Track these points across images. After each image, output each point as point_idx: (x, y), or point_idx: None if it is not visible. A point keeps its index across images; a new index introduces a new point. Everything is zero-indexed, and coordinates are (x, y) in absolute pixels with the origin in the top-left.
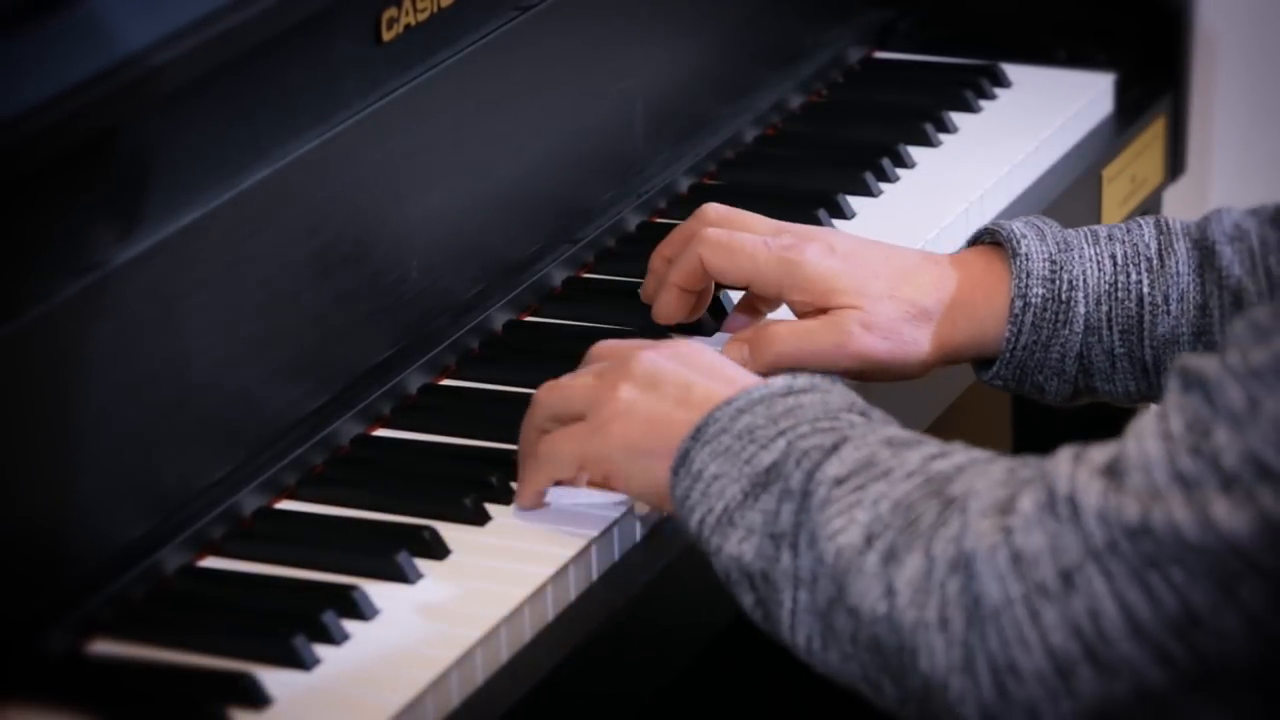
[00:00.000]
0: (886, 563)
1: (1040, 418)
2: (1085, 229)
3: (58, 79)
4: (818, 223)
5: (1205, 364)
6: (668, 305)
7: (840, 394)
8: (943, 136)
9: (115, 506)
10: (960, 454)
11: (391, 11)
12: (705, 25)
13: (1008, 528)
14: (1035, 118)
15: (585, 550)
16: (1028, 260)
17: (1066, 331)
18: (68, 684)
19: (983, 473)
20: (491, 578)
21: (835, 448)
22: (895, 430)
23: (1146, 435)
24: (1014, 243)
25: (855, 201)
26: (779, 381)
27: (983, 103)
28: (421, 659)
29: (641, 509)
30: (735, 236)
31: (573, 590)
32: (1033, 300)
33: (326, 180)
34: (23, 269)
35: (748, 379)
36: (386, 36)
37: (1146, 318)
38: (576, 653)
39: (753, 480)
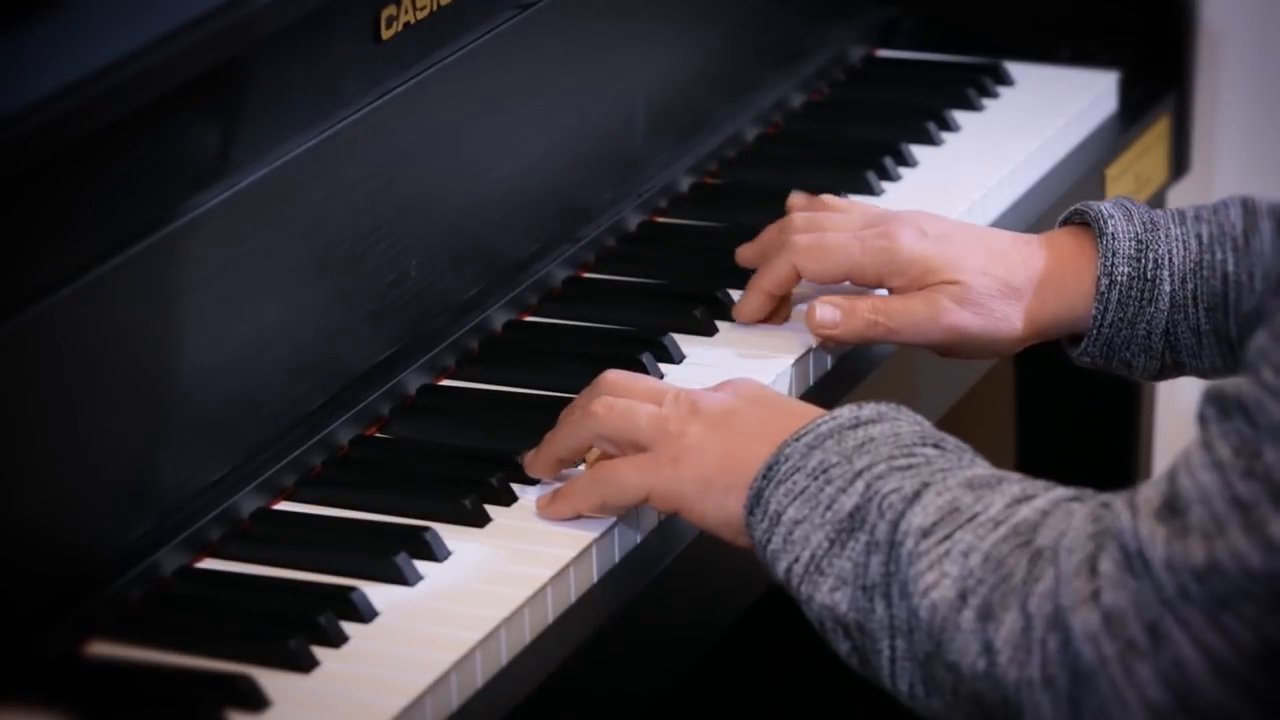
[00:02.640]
0: (983, 619)
1: (1042, 420)
2: (1174, 209)
3: (56, 77)
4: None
5: (1240, 386)
6: (754, 309)
7: (908, 421)
8: (945, 135)
9: (113, 508)
10: (1042, 496)
11: (391, 9)
12: (706, 24)
13: (1096, 589)
14: (1038, 116)
15: (586, 552)
16: (1114, 239)
17: (1152, 309)
18: (65, 686)
19: (1066, 519)
20: (491, 579)
21: (917, 495)
22: (973, 469)
23: (1197, 468)
24: (1101, 222)
25: (857, 201)
26: (845, 413)
27: (986, 101)
28: (421, 661)
29: (643, 513)
30: (825, 238)
31: (573, 592)
32: (1118, 278)
33: (325, 179)
34: (21, 268)
35: (812, 411)
36: (386, 35)
37: (1231, 295)
38: (577, 654)
39: (836, 527)
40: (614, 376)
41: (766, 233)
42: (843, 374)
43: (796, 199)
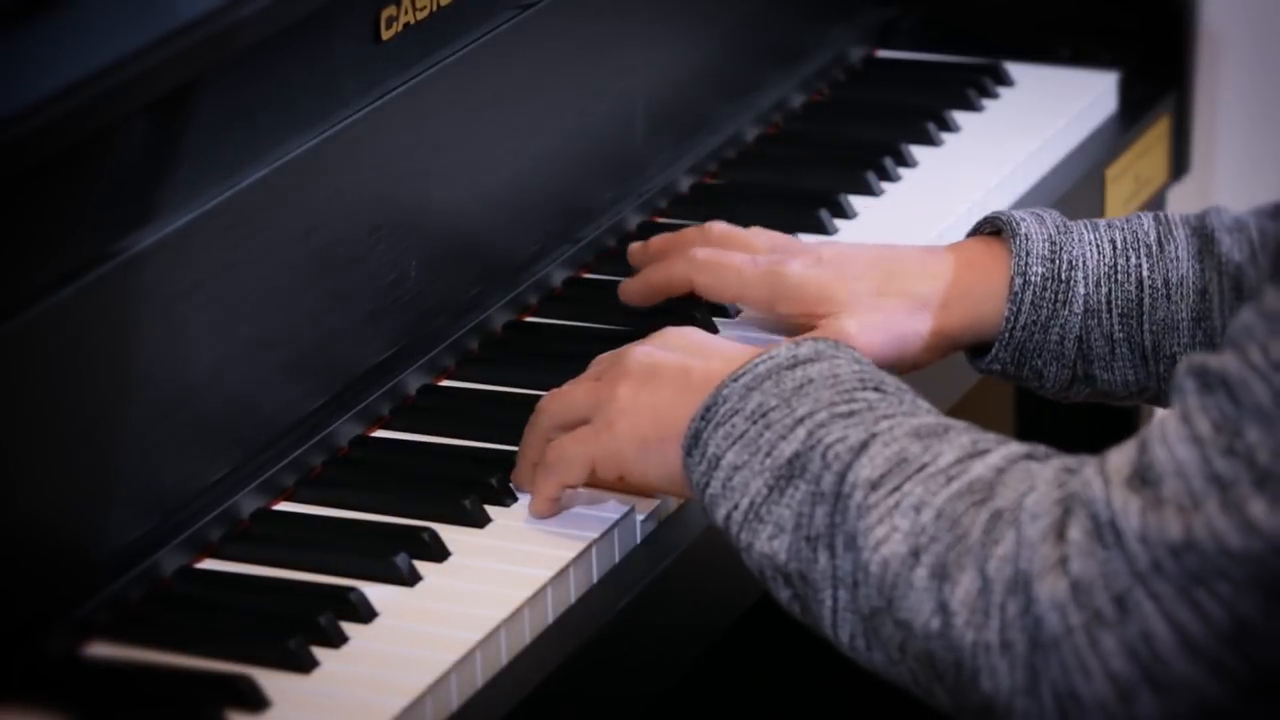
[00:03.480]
0: (937, 578)
1: (1042, 420)
2: (1085, 220)
3: (56, 77)
4: (819, 222)
5: (1224, 362)
6: (637, 294)
7: (847, 360)
8: (945, 135)
9: (113, 508)
10: (995, 451)
11: (391, 10)
12: (706, 24)
13: (1064, 556)
14: (1038, 116)
15: (585, 552)
16: (1027, 240)
17: (1066, 312)
18: (65, 686)
19: (1027, 479)
20: (491, 580)
21: (864, 446)
22: (917, 415)
23: (1174, 440)
24: (1013, 224)
25: (857, 201)
26: (782, 352)
27: (985, 101)
28: (421, 662)
29: (642, 511)
30: (723, 256)
31: (573, 593)
32: (1033, 279)
33: (325, 179)
34: (20, 268)
35: (746, 352)
36: (386, 35)
37: (1146, 301)
38: (576, 655)
39: (775, 474)
40: (556, 390)
41: (678, 235)
42: None
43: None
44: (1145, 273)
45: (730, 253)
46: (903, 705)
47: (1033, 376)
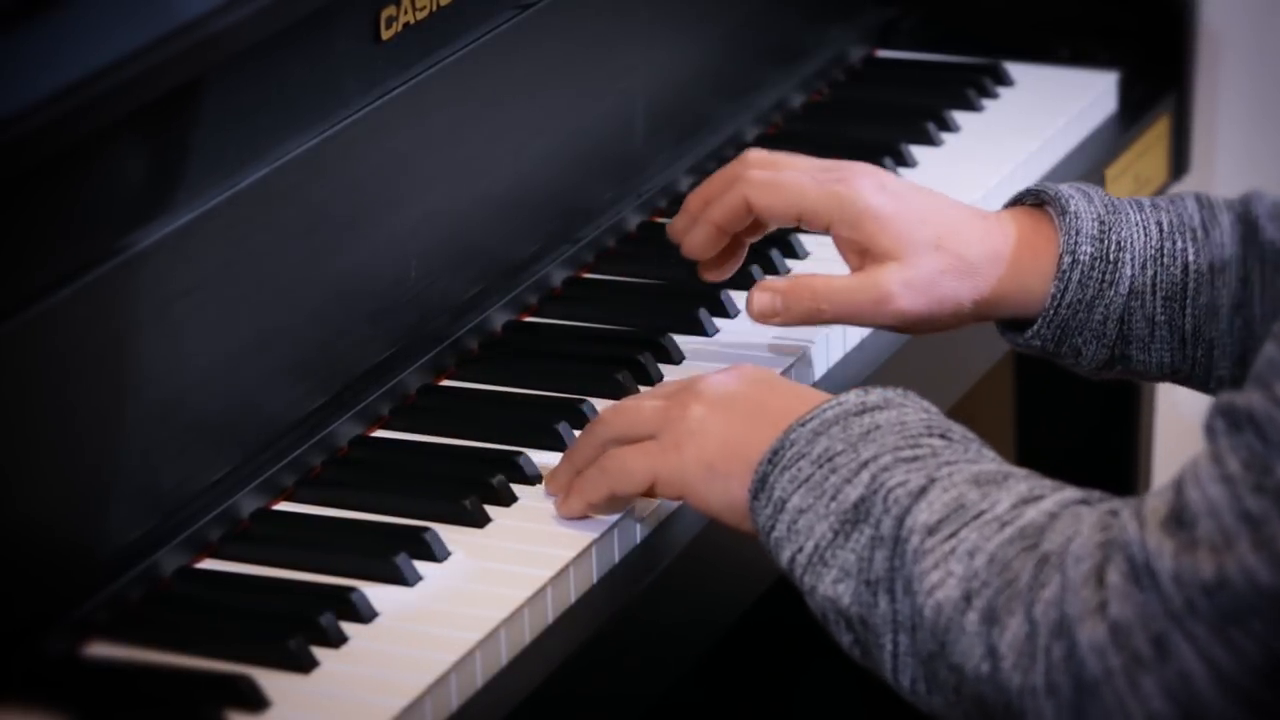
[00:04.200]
0: (987, 623)
1: (1042, 421)
2: (1130, 198)
3: (56, 77)
4: None
5: (1251, 400)
6: (702, 240)
7: (915, 409)
8: (945, 135)
9: (112, 508)
10: (1050, 497)
11: (391, 10)
12: (706, 24)
13: (1103, 600)
14: (1038, 116)
15: (585, 552)
16: (1077, 218)
17: (1111, 292)
18: (65, 686)
19: (1075, 524)
20: (491, 580)
21: (923, 491)
22: (979, 463)
23: (1206, 481)
24: (1062, 201)
25: None
26: (851, 399)
27: (985, 101)
28: (421, 662)
29: (642, 512)
30: (781, 174)
31: (573, 592)
32: (1081, 257)
33: (325, 179)
34: (20, 268)
35: (817, 394)
36: (386, 35)
37: (1191, 285)
38: (576, 655)
39: (841, 518)
40: (620, 402)
41: (717, 175)
42: (842, 377)
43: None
44: (1191, 257)
45: (787, 172)
46: (902, 706)
47: (1070, 354)
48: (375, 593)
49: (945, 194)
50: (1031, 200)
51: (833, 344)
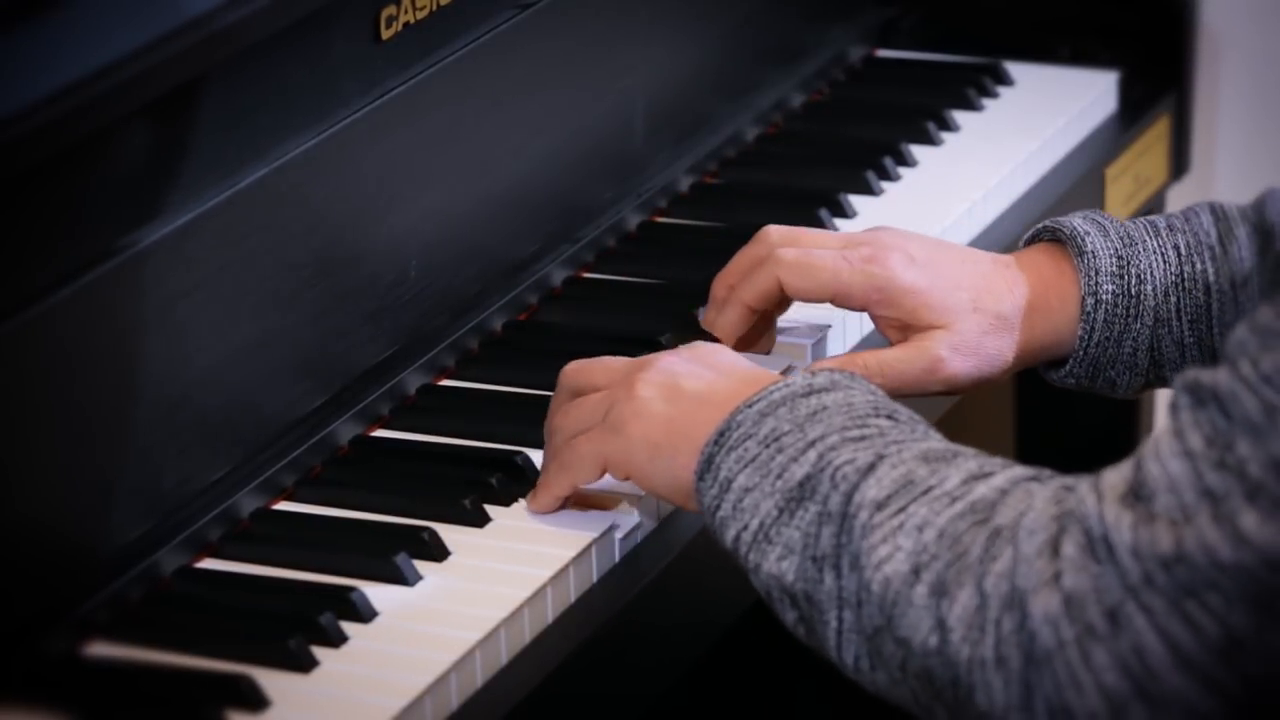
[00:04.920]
0: (936, 595)
1: (1042, 422)
2: (1144, 220)
3: (55, 77)
4: (820, 222)
5: (1216, 377)
6: (734, 320)
7: (862, 391)
8: (945, 135)
9: (112, 508)
10: (1000, 474)
11: (391, 9)
12: (706, 23)
13: (1057, 571)
14: (1038, 116)
15: (585, 552)
16: (1095, 258)
17: (1137, 325)
18: (65, 686)
19: (1027, 499)
20: (491, 579)
21: (872, 468)
22: (927, 441)
23: (1167, 455)
24: (1078, 240)
25: (857, 200)
26: (798, 380)
27: (985, 101)
28: (420, 661)
29: (643, 512)
30: (812, 254)
31: (572, 592)
32: (1104, 297)
33: (325, 179)
34: (20, 268)
35: (766, 376)
36: (385, 35)
37: (1214, 306)
38: (576, 655)
39: (786, 495)
40: (571, 368)
41: (740, 255)
42: None
43: (774, 230)
44: (1211, 277)
45: (817, 251)
46: (903, 710)
47: (1106, 386)
48: (375, 593)
49: (964, 246)
50: (1049, 236)
51: (832, 345)
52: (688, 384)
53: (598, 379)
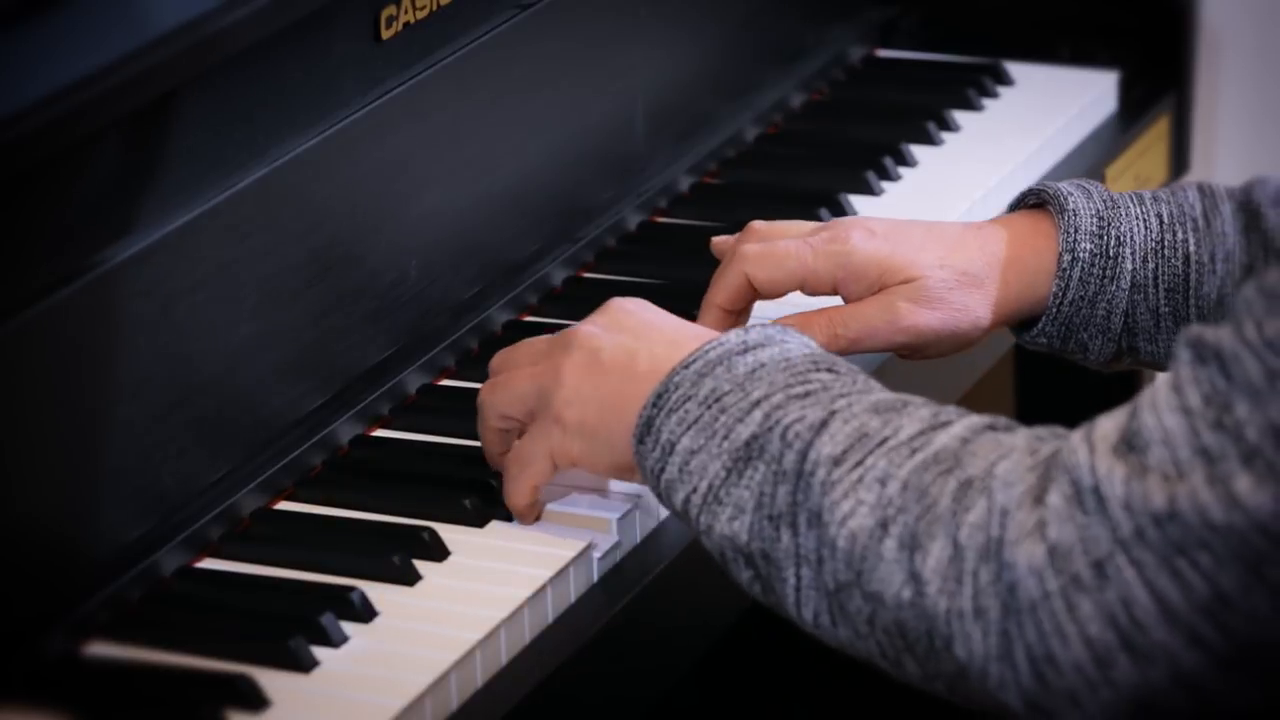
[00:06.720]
0: (907, 548)
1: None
2: (1129, 191)
3: (55, 77)
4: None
5: (1220, 336)
6: (712, 320)
7: (797, 344)
8: (945, 135)
9: (112, 508)
10: (957, 422)
11: (391, 9)
12: (706, 23)
13: (1041, 521)
14: (1038, 116)
15: (585, 552)
16: (1075, 216)
17: (1113, 288)
18: (64, 686)
19: (996, 449)
20: (491, 579)
21: (824, 424)
22: (875, 394)
23: (1164, 409)
24: (1061, 199)
25: (857, 200)
26: (732, 338)
27: (985, 101)
28: (420, 661)
29: (643, 511)
30: (775, 245)
31: (572, 593)
32: (1081, 255)
33: (325, 179)
34: (19, 268)
35: (692, 335)
36: (385, 34)
37: (1193, 276)
38: (576, 655)
39: (733, 456)
40: (498, 355)
41: (724, 239)
42: None
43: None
44: (1192, 248)
45: (780, 241)
46: (901, 707)
47: (1077, 350)
48: (375, 592)
49: (931, 219)
50: (1032, 200)
51: None
52: (611, 358)
53: (520, 359)
